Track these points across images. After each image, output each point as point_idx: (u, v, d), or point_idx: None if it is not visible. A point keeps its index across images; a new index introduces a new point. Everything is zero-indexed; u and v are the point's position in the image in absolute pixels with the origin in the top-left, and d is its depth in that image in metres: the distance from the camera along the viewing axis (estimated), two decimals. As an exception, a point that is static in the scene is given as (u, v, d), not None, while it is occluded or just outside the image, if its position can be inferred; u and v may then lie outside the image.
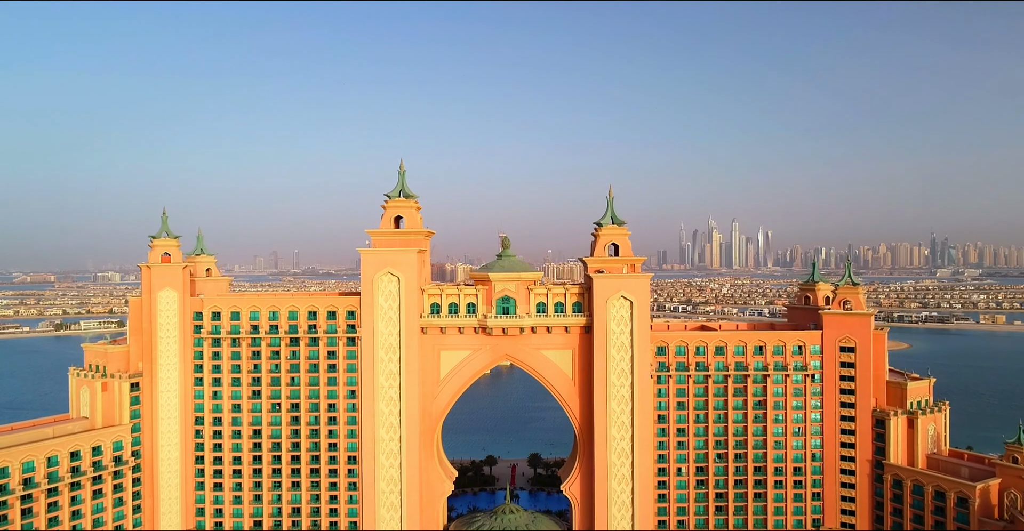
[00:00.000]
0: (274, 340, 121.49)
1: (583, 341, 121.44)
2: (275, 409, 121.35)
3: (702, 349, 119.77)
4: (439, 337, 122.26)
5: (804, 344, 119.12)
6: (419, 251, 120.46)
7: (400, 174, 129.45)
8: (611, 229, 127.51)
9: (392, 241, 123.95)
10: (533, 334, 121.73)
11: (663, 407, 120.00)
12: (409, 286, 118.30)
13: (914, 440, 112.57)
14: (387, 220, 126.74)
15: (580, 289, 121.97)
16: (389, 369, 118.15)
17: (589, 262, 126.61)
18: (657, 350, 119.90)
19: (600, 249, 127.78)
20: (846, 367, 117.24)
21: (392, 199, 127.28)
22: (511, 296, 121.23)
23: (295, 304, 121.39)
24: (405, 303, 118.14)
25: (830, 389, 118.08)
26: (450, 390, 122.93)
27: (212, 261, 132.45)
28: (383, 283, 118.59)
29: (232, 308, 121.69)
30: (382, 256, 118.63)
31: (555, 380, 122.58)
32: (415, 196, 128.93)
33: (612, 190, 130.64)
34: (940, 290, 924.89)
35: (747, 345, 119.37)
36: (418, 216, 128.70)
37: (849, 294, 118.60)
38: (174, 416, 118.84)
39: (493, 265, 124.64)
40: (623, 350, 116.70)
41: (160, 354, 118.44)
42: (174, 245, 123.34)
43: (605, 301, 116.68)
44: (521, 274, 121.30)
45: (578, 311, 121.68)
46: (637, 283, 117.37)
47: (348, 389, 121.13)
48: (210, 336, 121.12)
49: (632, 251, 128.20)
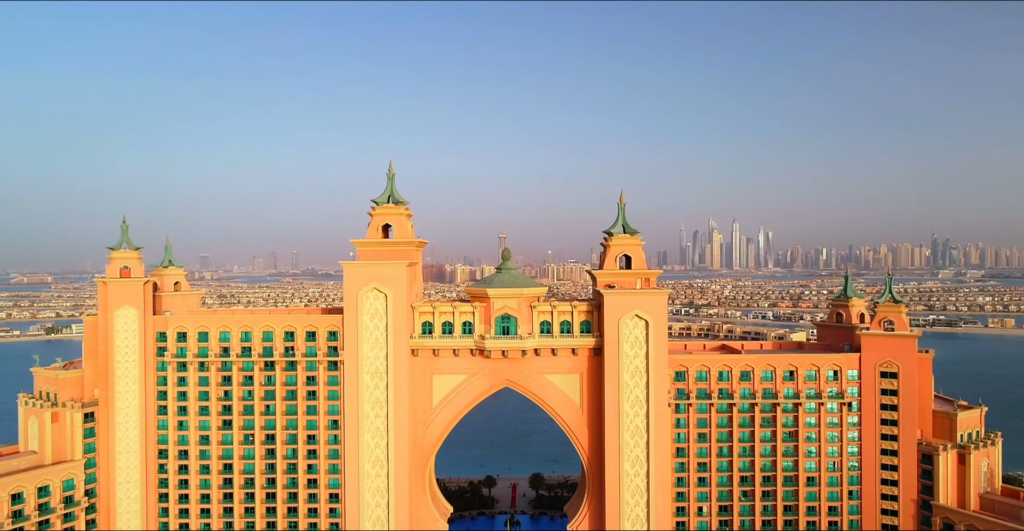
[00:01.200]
0: (247, 364, 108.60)
1: (592, 365, 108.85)
2: (248, 441, 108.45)
3: (726, 374, 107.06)
4: (431, 360, 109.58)
5: (840, 369, 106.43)
6: (409, 264, 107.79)
7: (389, 178, 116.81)
8: (623, 239, 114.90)
9: (380, 252, 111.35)
10: (536, 357, 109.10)
11: (682, 439, 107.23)
12: (398, 303, 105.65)
13: (965, 478, 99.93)
14: (374, 229, 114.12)
15: (589, 306, 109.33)
16: (375, 396, 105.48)
17: (598, 276, 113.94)
18: (675, 375, 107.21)
19: (610, 261, 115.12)
20: (887, 395, 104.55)
21: (380, 206, 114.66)
22: (512, 314, 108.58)
23: (270, 323, 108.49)
24: (393, 322, 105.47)
25: (869, 419, 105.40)
26: (444, 419, 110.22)
27: (181, 273, 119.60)
28: (369, 300, 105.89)
29: (199, 328, 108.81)
30: (367, 270, 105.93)
31: (560, 408, 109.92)
32: (405, 202, 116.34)
33: (623, 196, 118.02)
34: (944, 292, 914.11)
35: (776, 370, 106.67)
36: (409, 224, 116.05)
37: (891, 312, 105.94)
38: (134, 449, 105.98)
39: (492, 279, 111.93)
40: (637, 375, 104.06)
41: (118, 380, 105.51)
42: (135, 257, 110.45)
43: (617, 320, 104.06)
44: (523, 290, 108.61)
45: (586, 331, 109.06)
46: (653, 300, 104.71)
47: (329, 419, 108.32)
48: (175, 359, 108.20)
49: (646, 263, 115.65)
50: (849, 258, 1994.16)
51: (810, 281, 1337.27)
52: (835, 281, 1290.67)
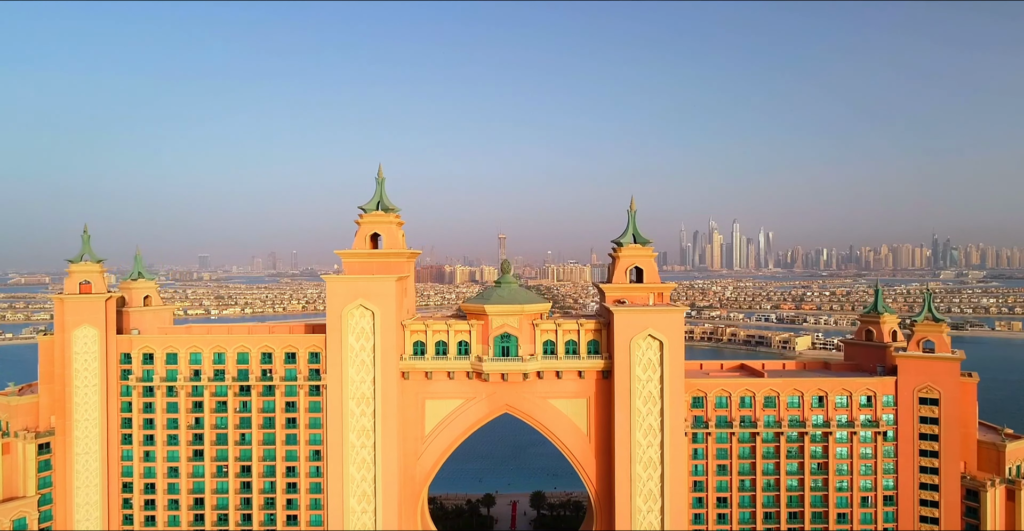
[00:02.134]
0: (220, 388, 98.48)
1: (601, 389, 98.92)
2: (221, 473, 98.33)
3: (748, 400, 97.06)
4: (424, 383, 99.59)
5: (874, 394, 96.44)
6: (399, 278, 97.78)
7: (378, 182, 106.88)
8: (633, 250, 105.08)
9: (367, 265, 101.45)
10: (539, 380, 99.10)
11: (700, 472, 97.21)
12: (386, 321, 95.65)
13: (1016, 516, 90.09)
14: (361, 238, 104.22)
15: (596, 324, 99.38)
16: (361, 424, 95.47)
17: (607, 290, 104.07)
18: (692, 401, 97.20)
19: (620, 273, 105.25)
20: (927, 423, 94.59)
21: (368, 213, 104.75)
22: (512, 333, 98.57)
23: (245, 344, 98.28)
24: (381, 342, 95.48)
25: (907, 450, 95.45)
26: (437, 448, 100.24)
27: (152, 287, 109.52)
28: (354, 318, 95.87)
29: (168, 349, 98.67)
30: (353, 285, 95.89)
31: (565, 436, 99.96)
32: (396, 209, 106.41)
33: (634, 203, 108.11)
34: (947, 293, 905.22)
35: (804, 395, 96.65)
36: (400, 233, 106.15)
37: (931, 332, 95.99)
38: (95, 483, 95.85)
39: (490, 294, 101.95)
40: (651, 401, 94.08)
41: (76, 407, 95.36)
42: (96, 271, 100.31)
43: (629, 341, 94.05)
44: (524, 306, 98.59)
45: (594, 352, 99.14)
46: (668, 318, 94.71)
47: (311, 449, 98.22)
48: (140, 383, 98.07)
49: (658, 276, 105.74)
50: (850, 259, 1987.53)
51: (811, 282, 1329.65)
52: (836, 282, 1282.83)
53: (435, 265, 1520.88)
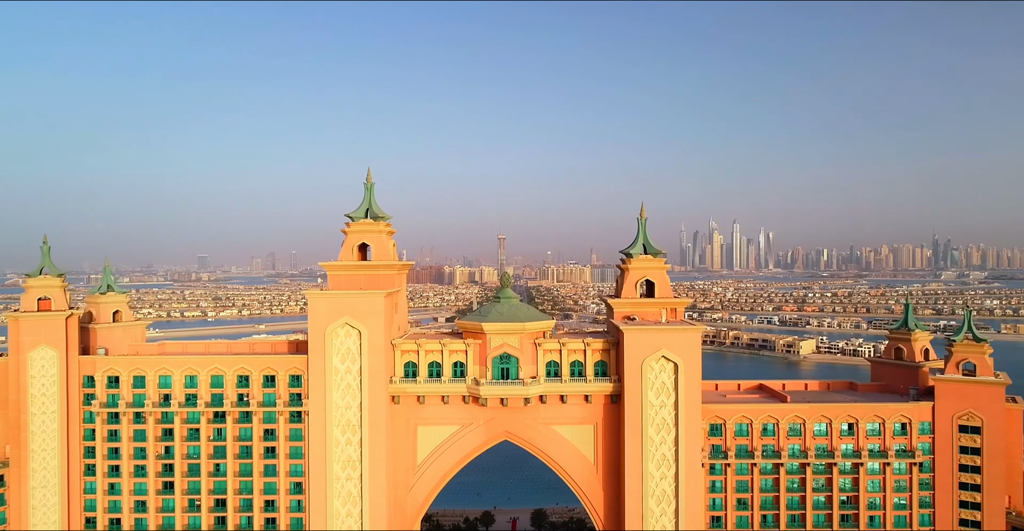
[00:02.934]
0: (192, 415, 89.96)
1: (609, 414, 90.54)
2: (193, 508, 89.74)
3: (771, 427, 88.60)
4: (416, 408, 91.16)
5: (909, 421, 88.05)
6: (389, 294, 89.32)
7: (367, 188, 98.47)
8: (644, 261, 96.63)
9: (355, 278, 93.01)
10: (542, 404, 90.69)
11: (718, 506, 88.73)
12: (374, 341, 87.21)
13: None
14: (348, 249, 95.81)
15: (605, 344, 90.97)
16: (347, 454, 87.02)
17: (615, 305, 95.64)
18: (710, 429, 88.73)
19: (629, 287, 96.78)
20: (968, 453, 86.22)
21: (356, 221, 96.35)
22: (512, 353, 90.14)
23: (219, 366, 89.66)
24: (369, 364, 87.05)
25: (945, 483, 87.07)
26: (431, 478, 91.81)
27: (122, 301, 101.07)
28: (339, 338, 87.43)
29: (135, 371, 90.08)
30: (337, 301, 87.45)
31: (570, 465, 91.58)
32: (387, 217, 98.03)
33: (644, 211, 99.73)
34: (949, 295, 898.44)
35: (832, 422, 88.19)
36: (390, 243, 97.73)
37: (971, 353, 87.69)
38: (53, 519, 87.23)
39: (488, 311, 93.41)
40: (664, 429, 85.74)
41: (33, 435, 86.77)
42: (56, 285, 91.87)
43: (640, 362, 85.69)
44: (526, 324, 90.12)
45: (602, 374, 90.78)
46: (684, 337, 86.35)
47: (291, 481, 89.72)
48: (104, 409, 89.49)
49: (671, 289, 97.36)
50: (850, 259, 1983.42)
51: (812, 283, 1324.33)
52: (837, 283, 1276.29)
53: (434, 265, 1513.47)
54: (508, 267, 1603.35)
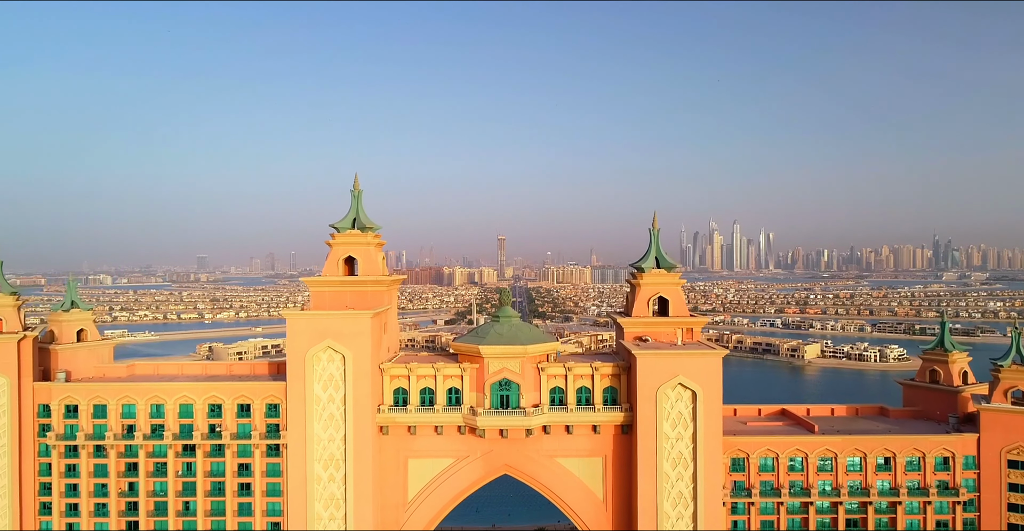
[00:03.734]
0: (158, 448, 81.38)
1: (620, 446, 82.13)
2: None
3: (799, 462, 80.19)
4: (406, 440, 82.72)
5: (952, 455, 79.68)
6: (376, 314, 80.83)
7: (354, 196, 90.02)
8: (658, 276, 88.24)
9: (339, 295, 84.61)
10: (546, 435, 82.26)
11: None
12: (360, 366, 78.77)
13: None
14: (333, 263, 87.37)
15: (615, 368, 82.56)
16: (330, 492, 78.55)
17: (625, 325, 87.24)
18: (732, 464, 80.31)
19: (641, 304, 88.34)
20: (1018, 492, 77.86)
21: (342, 232, 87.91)
22: (512, 379, 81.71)
23: (188, 394, 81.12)
24: (354, 392, 78.61)
25: (992, 524, 78.62)
26: (423, 516, 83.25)
27: (87, 318, 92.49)
28: (321, 363, 78.99)
29: (95, 399, 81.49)
30: (319, 323, 78.99)
31: (576, 502, 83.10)
32: (376, 227, 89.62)
33: (656, 221, 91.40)
34: (952, 296, 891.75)
35: (867, 456, 79.76)
36: (379, 256, 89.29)
37: (1021, 380, 79.30)
38: (4, 565, 78.96)
39: (486, 331, 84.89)
40: (682, 464, 77.37)
41: (-18, 472, 78.37)
42: (8, 305, 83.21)
43: (655, 390, 77.33)
44: (528, 347, 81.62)
45: (612, 402, 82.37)
46: (703, 362, 77.97)
47: (269, 521, 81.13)
48: (61, 442, 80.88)
49: (687, 307, 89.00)
50: (850, 260, 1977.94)
51: (813, 284, 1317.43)
52: (838, 284, 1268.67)
53: (434, 266, 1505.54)
54: (508, 267, 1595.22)
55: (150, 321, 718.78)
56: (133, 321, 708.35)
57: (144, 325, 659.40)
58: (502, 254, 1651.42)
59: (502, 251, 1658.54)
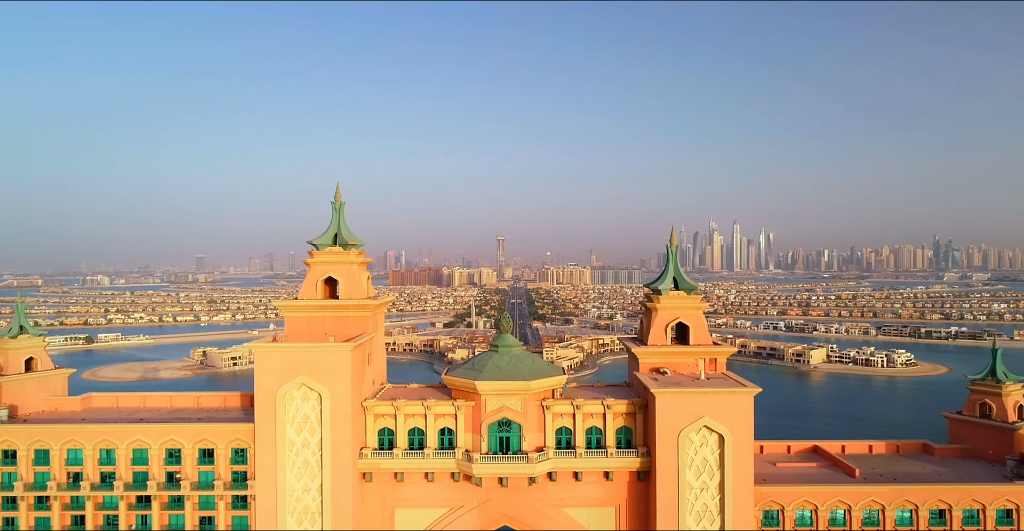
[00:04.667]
0: (109, 499, 71.34)
1: (635, 495, 72.20)
2: (111, 616, 71.44)
3: (841, 515, 70.34)
4: (392, 488, 72.71)
5: (1017, 507, 69.93)
6: (358, 346, 70.84)
7: (335, 209, 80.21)
8: (676, 299, 78.33)
9: (318, 321, 74.85)
10: (551, 482, 72.33)
11: (774, 615, 70.50)
12: (339, 406, 68.85)
13: None
14: (312, 284, 77.47)
15: (629, 406, 72.69)
16: (305, 549, 68.61)
17: (640, 355, 77.29)
18: (764, 517, 70.46)
19: (658, 331, 78.41)
20: (1093, 550, 68.15)
21: (321, 250, 78.03)
22: (513, 419, 71.80)
23: (142, 438, 71.08)
24: (332, 435, 68.69)
25: (1062, 586, 68.97)
26: (411, 574, 73.37)
27: (38, 346, 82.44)
28: (295, 402, 69.05)
29: (36, 443, 71.45)
30: (292, 356, 69.02)
31: (587, 556, 73.19)
32: (359, 243, 79.73)
33: (675, 237, 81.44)
34: (955, 297, 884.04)
35: (919, 508, 69.94)
36: (364, 276, 79.42)
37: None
38: None
39: (483, 364, 74.86)
40: (707, 518, 67.51)
41: (-96, 528, 68.54)
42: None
43: (676, 434, 67.49)
44: (531, 383, 71.65)
45: (626, 444, 72.50)
46: (732, 402, 68.11)
47: (235, 582, 71.31)
48: (-2, 493, 71.16)
49: (709, 334, 79.09)
50: (851, 260, 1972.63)
51: (814, 285, 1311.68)
52: (839, 284, 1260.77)
53: (433, 267, 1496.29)
54: (507, 268, 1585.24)
55: (145, 324, 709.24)
56: (128, 324, 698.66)
57: (139, 328, 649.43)
58: (501, 254, 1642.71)
59: (501, 251, 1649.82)
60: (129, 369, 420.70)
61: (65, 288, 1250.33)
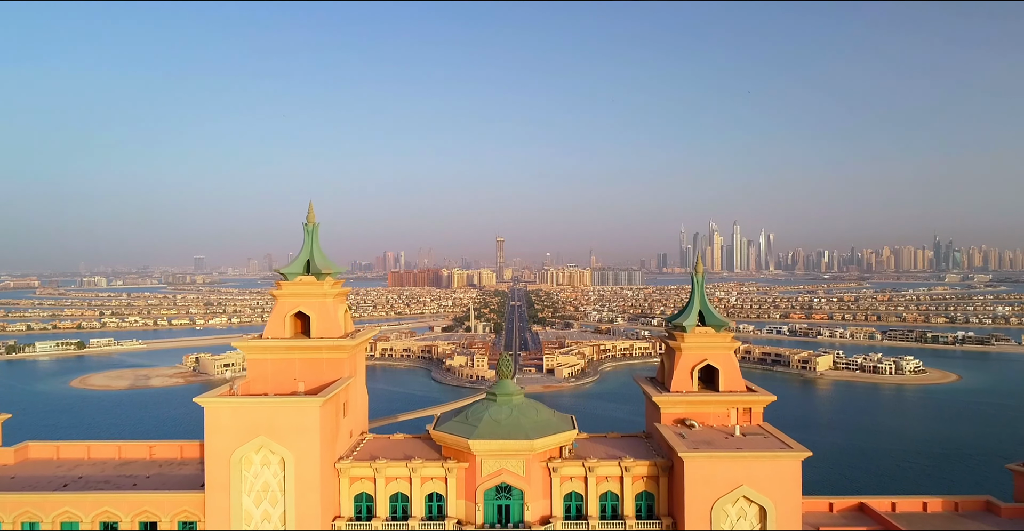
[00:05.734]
0: (31, 582, 60.36)
1: (658, 574, 61.10)
2: None
3: (905, 602, 59.38)
4: (371, 565, 61.55)
5: (1114, 593, 59.02)
6: (329, 400, 59.57)
7: (307, 232, 69.05)
8: (703, 337, 67.28)
9: (287, 363, 63.73)
10: (558, 558, 61.23)
11: None
12: (307, 471, 57.63)
13: None
14: (279, 320, 66.40)
15: (651, 468, 61.54)
16: None
17: (663, 404, 66.21)
18: (813, 604, 59.48)
19: (682, 375, 67.35)
20: None
21: (291, 279, 66.86)
22: (514, 484, 60.62)
23: (71, 510, 59.79)
24: (298, 507, 57.46)
25: None
26: None
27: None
28: (253, 468, 57.83)
29: (-55, 516, 60.49)
30: (249, 414, 57.75)
31: None
32: (336, 271, 68.59)
33: (701, 266, 70.36)
34: (958, 300, 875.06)
35: (996, 594, 59.08)
36: (342, 309, 68.36)
37: None
38: None
39: (478, 417, 63.57)
40: (745, 606, 56.44)
41: None
42: None
43: (709, 505, 56.40)
44: (535, 442, 60.39)
45: (648, 514, 61.35)
46: (776, 468, 57.04)
47: None
48: (-102, 575, 60.06)
49: (742, 378, 68.02)
50: (851, 260, 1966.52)
51: (816, 286, 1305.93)
52: (841, 286, 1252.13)
53: (432, 268, 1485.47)
54: (507, 269, 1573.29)
55: (139, 328, 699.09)
56: (123, 328, 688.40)
57: (133, 332, 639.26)
58: (501, 255, 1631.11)
59: (501, 252, 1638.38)
60: (119, 377, 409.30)
61: (61, 290, 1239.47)
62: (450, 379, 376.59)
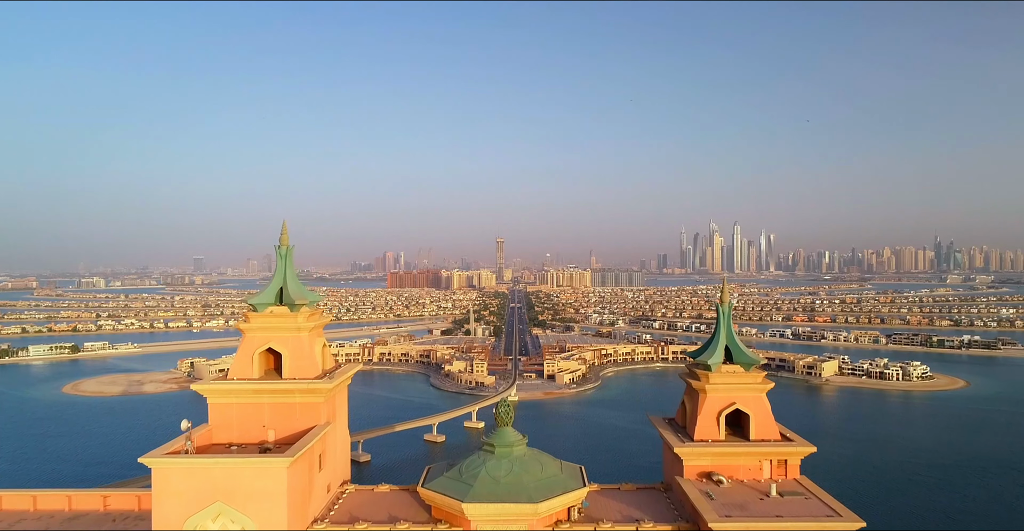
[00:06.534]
0: None
1: None
2: None
3: None
4: None
5: None
6: (298, 459, 51.10)
7: (280, 256, 60.54)
8: (731, 377, 58.90)
9: (255, 408, 55.43)
10: None
11: None
12: (274, 541, 49.23)
13: None
14: (246, 357, 57.98)
15: (674, 533, 53.12)
16: None
17: (685, 456, 57.71)
18: None
19: (707, 420, 58.93)
20: None
21: (260, 311, 58.46)
22: (516, 553, 52.18)
23: (-2, 587, 51.78)
24: (264, 581, 49.10)
25: None
26: None
27: None
28: (209, 537, 49.41)
29: None
30: (204, 477, 49.26)
31: None
32: (312, 300, 60.23)
33: (727, 292, 61.97)
34: (961, 302, 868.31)
35: None
36: (318, 345, 59.93)
37: None
38: None
39: (473, 475, 55.00)
40: None
41: None
42: None
43: (742, 583, 47.94)
44: (539, 505, 51.90)
45: (671, 588, 52.91)
46: (819, 539, 48.58)
47: None
48: None
49: (775, 424, 59.66)
50: (852, 261, 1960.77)
51: (817, 287, 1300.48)
52: (842, 287, 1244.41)
53: (432, 269, 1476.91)
54: (507, 270, 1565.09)
55: (136, 330, 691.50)
56: (119, 330, 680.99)
57: (129, 335, 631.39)
58: (500, 256, 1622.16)
59: (500, 253, 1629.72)
60: (112, 382, 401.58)
61: (59, 291, 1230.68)
62: (449, 385, 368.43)
